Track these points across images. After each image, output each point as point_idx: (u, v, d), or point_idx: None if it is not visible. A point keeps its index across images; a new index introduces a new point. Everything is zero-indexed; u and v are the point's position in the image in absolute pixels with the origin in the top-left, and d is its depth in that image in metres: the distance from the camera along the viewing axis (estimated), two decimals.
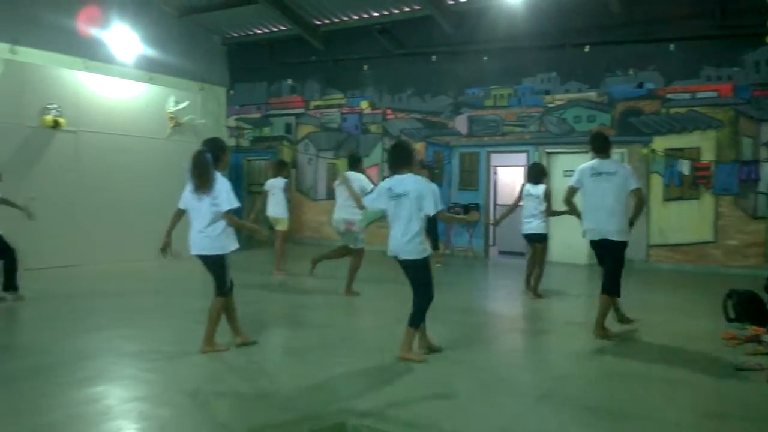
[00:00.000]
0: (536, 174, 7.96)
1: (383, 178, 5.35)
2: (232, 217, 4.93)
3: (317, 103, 14.58)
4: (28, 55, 10.92)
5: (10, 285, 7.20)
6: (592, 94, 11.39)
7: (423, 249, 4.89)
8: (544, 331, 6.31)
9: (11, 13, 10.81)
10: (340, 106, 14.25)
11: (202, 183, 4.87)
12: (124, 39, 12.21)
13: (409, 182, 4.89)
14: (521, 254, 11.06)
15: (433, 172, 11.19)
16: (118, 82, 11.22)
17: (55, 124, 9.78)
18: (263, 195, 9.71)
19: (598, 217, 5.75)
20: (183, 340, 5.37)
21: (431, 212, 4.84)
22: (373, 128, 13.78)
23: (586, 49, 11.24)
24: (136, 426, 3.65)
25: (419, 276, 4.94)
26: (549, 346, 5.73)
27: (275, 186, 9.56)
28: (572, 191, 6.09)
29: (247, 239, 10.03)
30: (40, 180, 9.69)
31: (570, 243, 10.45)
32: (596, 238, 5.81)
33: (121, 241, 10.69)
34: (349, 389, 4.31)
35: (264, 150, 15.13)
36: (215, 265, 5.00)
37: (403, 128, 13.33)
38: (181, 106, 11.80)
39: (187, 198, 5.04)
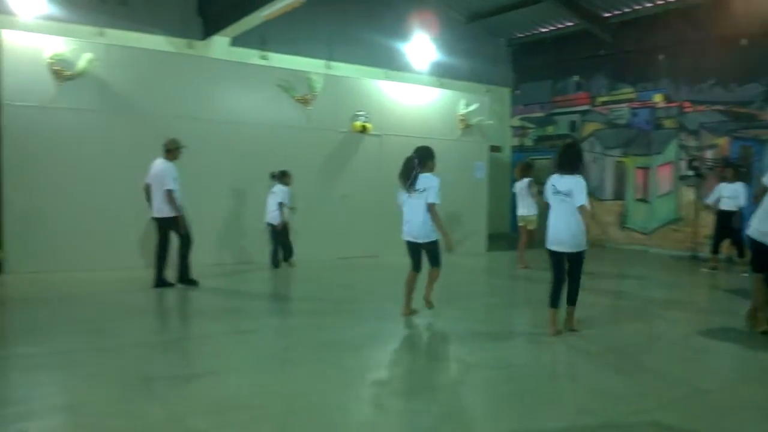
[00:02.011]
0: None
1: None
2: (434, 209, 5.88)
3: (604, 98, 14.05)
4: (340, 69, 12.44)
5: (287, 257, 9.61)
6: None
7: (584, 241, 5.43)
8: None
9: (328, 33, 12.38)
10: (629, 100, 13.54)
11: (408, 183, 5.91)
12: (420, 48, 13.12)
13: (571, 182, 5.35)
14: None
15: (739, 171, 10.10)
16: (414, 88, 12.12)
17: (363, 129, 10.96)
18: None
19: None
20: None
21: (579, 204, 5.28)
22: (667, 123, 12.83)
23: None
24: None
25: (578, 266, 5.50)
26: None
27: (520, 187, 10.18)
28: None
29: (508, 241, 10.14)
30: (350, 179, 10.96)
31: None
32: None
33: None
34: (644, 397, 4.13)
35: (547, 149, 15.04)
36: (432, 247, 6.03)
37: (702, 122, 12.19)
38: (471, 108, 12.33)
39: (403, 195, 6.08)
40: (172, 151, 7.52)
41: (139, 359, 4.74)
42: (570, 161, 5.47)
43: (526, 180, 10.14)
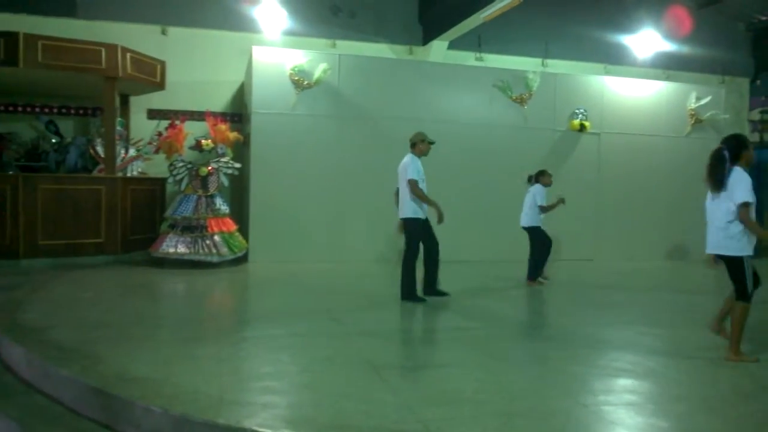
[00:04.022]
0: None
1: None
2: (745, 212, 4.63)
3: None
4: (556, 66, 12.19)
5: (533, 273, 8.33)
6: None
7: None
8: None
9: (543, 30, 12.20)
10: None
11: (712, 180, 4.83)
12: (645, 40, 12.34)
13: None
14: None
15: None
16: (637, 82, 11.47)
17: (581, 128, 10.64)
18: None
19: None
20: (708, 344, 5.23)
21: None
22: None
23: None
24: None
25: None
26: None
27: None
28: None
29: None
30: (565, 179, 10.65)
31: None
32: None
33: (636, 239, 10.99)
34: None
35: None
36: (733, 267, 4.82)
37: None
38: (703, 102, 11.34)
39: (708, 196, 4.98)
40: (416, 144, 6.91)
41: (369, 347, 5.08)
42: None
43: None
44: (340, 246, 9.61)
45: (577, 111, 10.66)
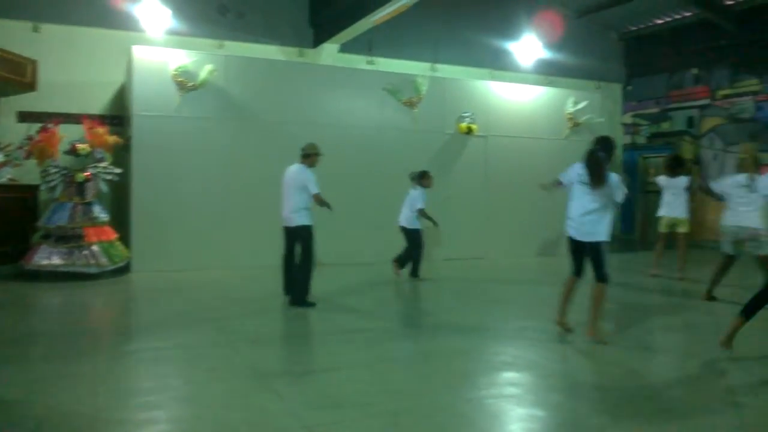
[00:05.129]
0: None
1: None
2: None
3: (726, 92, 13.19)
4: (445, 70, 12.47)
5: (415, 273, 8.70)
6: None
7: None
8: None
9: (433, 35, 12.36)
10: (754, 93, 12.65)
11: (598, 180, 5.25)
12: (527, 46, 12.87)
13: None
14: None
15: None
16: (520, 87, 11.93)
17: (469, 131, 10.94)
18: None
19: None
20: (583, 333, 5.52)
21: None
22: None
23: None
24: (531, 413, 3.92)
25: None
26: None
27: (676, 185, 8.89)
28: None
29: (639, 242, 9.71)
30: (454, 180, 10.94)
31: None
32: None
33: (519, 238, 11.44)
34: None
35: (662, 146, 14.33)
36: (598, 251, 5.37)
37: None
38: (580, 106, 11.99)
39: (575, 186, 5.49)
40: (311, 156, 6.91)
41: (256, 355, 4.99)
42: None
43: (684, 178, 8.87)
44: (226, 252, 9.34)
45: (464, 114, 10.96)
